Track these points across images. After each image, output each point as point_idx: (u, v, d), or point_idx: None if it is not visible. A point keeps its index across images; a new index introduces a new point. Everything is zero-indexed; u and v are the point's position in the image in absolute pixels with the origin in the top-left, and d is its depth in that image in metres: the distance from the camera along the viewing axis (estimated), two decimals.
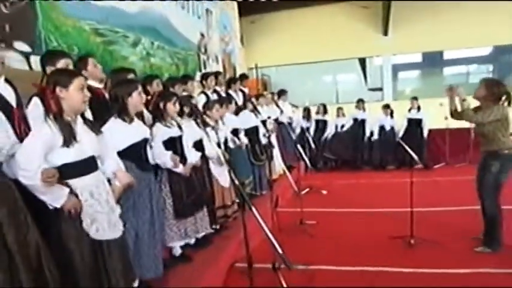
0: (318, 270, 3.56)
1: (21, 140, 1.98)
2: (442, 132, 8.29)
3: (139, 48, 4.91)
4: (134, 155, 2.76)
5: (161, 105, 3.26)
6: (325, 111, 8.88)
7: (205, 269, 3.23)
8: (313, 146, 7.53)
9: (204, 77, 5.62)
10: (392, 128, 8.44)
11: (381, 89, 12.17)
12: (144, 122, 3.11)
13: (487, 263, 3.46)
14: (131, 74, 3.55)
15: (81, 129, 2.16)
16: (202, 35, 6.94)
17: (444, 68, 14.34)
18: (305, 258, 3.67)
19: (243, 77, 6.95)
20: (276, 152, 6.41)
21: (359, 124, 8.59)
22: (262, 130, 5.83)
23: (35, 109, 2.27)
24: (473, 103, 3.77)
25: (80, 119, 2.20)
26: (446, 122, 7.45)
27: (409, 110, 8.21)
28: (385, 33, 11.40)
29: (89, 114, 2.48)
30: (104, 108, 2.78)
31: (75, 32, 3.73)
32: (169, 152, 3.12)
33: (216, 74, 5.87)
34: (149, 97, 3.60)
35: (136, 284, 2.46)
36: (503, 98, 3.55)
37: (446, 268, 3.42)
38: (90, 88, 3.02)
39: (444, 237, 4.09)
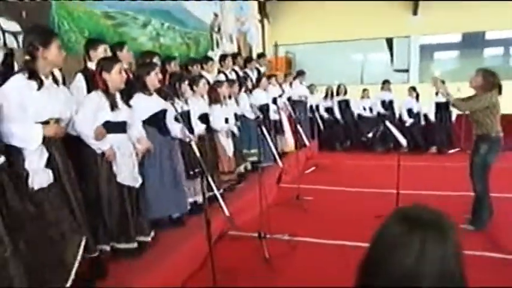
0: (302, 241, 3.84)
1: None
2: (459, 117, 8.18)
3: (149, 29, 5.23)
4: (156, 122, 3.42)
5: (177, 84, 3.90)
6: (345, 92, 8.92)
7: (197, 232, 3.54)
8: (321, 126, 7.71)
9: (222, 57, 6.07)
10: (418, 112, 8.35)
11: (407, 71, 11.95)
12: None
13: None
14: (156, 56, 4.19)
15: (119, 101, 2.93)
16: (215, 15, 7.18)
17: (485, 49, 13.87)
18: (293, 230, 3.96)
19: (261, 55, 7.21)
20: (287, 129, 6.65)
21: (387, 106, 8.60)
22: (272, 107, 6.12)
23: (79, 82, 3.15)
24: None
25: (118, 94, 2.94)
26: None
27: (436, 94, 7.67)
28: (415, 12, 11.11)
29: None
30: (130, 85, 3.34)
31: (86, 16, 4.11)
32: (180, 125, 3.55)
33: (234, 55, 6.36)
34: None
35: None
36: (496, 88, 3.73)
37: None
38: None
39: None
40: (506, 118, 8.13)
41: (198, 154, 2.74)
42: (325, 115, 8.93)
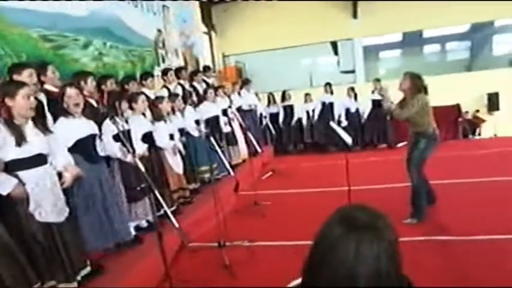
0: (262, 246, 3.91)
1: None
2: None
3: (91, 49, 5.19)
4: (82, 149, 3.14)
5: (116, 103, 3.70)
6: (289, 97, 9.18)
7: (154, 249, 3.54)
8: (273, 131, 7.86)
9: (165, 72, 6.01)
10: (357, 110, 8.75)
11: (353, 71, 12.45)
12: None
13: (412, 233, 3.85)
14: (90, 76, 3.91)
15: (31, 130, 2.56)
16: (159, 30, 7.21)
17: (424, 46, 14.74)
18: (252, 236, 4.03)
19: (206, 68, 7.28)
20: (239, 138, 6.73)
21: (327, 108, 8.87)
22: (222, 119, 6.18)
23: None
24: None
25: (30, 122, 2.58)
26: None
27: (372, 92, 8.21)
28: (355, 15, 11.64)
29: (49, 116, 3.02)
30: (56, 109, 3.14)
31: (21, 39, 4.03)
32: (118, 144, 3.46)
33: (179, 69, 6.34)
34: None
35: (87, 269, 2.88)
36: (423, 89, 4.00)
37: None
38: (47, 92, 3.41)
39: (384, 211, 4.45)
40: (440, 110, 8.73)
41: (143, 169, 2.69)
42: (269, 122, 9.12)
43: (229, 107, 6.57)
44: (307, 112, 9.09)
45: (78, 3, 5.02)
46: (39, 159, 2.59)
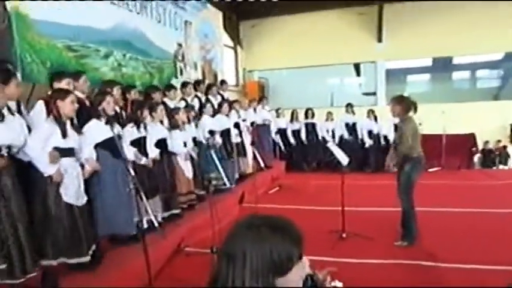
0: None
1: None
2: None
3: (111, 60, 5.59)
4: (108, 146, 3.66)
5: (138, 112, 4.19)
6: (313, 115, 9.37)
7: (153, 249, 3.75)
8: (283, 148, 8.02)
9: (184, 85, 6.43)
10: (377, 133, 8.80)
11: (374, 94, 12.47)
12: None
13: (401, 255, 3.93)
14: (117, 86, 4.44)
15: (69, 128, 3.19)
16: (179, 44, 7.58)
17: (453, 72, 14.58)
18: None
19: (222, 82, 7.60)
20: (249, 151, 6.94)
21: (350, 128, 9.03)
22: (234, 131, 6.43)
23: (39, 109, 3.37)
24: None
25: (68, 122, 3.21)
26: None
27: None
28: (379, 39, 11.72)
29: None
30: (85, 113, 3.67)
31: (48, 49, 4.44)
32: (134, 149, 3.97)
33: (197, 82, 6.75)
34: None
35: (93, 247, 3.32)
36: (412, 107, 4.09)
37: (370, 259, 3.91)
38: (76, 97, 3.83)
39: (376, 233, 4.54)
40: (455, 138, 8.64)
41: (132, 173, 3.05)
42: (292, 138, 9.32)
43: (244, 120, 6.81)
44: (327, 131, 9.24)
45: (103, 17, 5.44)
46: (70, 152, 3.19)
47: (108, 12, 5.60)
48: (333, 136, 9.14)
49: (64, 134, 3.09)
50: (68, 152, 3.17)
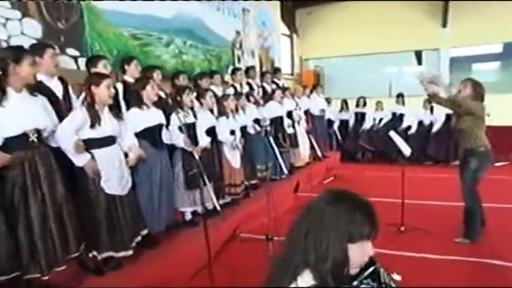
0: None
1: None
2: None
3: (171, 47, 5.76)
4: (149, 136, 3.53)
5: (178, 97, 4.04)
6: (364, 104, 9.13)
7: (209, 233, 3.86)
8: (339, 137, 7.86)
9: (234, 71, 6.35)
10: (431, 123, 8.42)
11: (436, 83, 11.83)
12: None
13: (463, 252, 3.75)
14: (157, 70, 4.36)
15: (106, 115, 2.99)
16: (237, 32, 7.63)
17: None
18: None
19: (277, 70, 7.56)
20: (302, 141, 6.87)
21: (397, 118, 8.71)
22: (286, 120, 6.36)
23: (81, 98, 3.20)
24: None
25: (106, 108, 3.00)
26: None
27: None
28: (444, 25, 11.08)
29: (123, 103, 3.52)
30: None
31: (115, 37, 4.65)
32: (182, 135, 3.81)
33: (247, 69, 6.66)
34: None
35: (145, 232, 3.30)
36: (481, 99, 3.79)
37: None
38: (125, 82, 3.89)
39: (436, 228, 4.36)
40: None
41: (197, 157, 3.01)
42: (336, 128, 9.14)
43: (295, 109, 6.73)
44: (374, 119, 8.98)
45: (165, 6, 5.59)
46: (110, 140, 3.01)
47: (170, 1, 5.74)
48: (379, 124, 8.86)
49: (95, 123, 2.88)
50: (106, 141, 2.97)
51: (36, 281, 2.54)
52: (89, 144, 2.88)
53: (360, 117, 9.10)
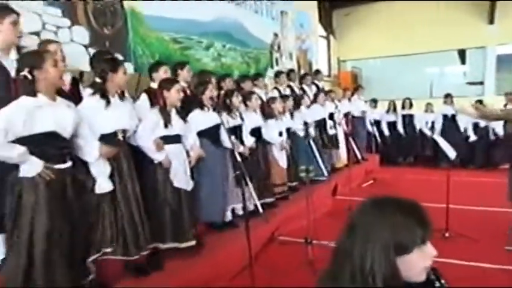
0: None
1: None
2: None
3: (211, 51, 5.88)
4: (209, 135, 3.86)
5: (226, 100, 4.25)
6: (410, 106, 8.87)
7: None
8: (379, 140, 7.69)
9: (277, 74, 6.48)
10: (486, 125, 8.03)
11: (481, 83, 11.34)
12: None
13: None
14: (212, 76, 4.62)
15: (174, 116, 3.34)
16: (275, 34, 7.65)
17: None
18: None
19: (317, 72, 7.51)
20: (343, 143, 6.80)
21: (449, 121, 8.35)
22: (329, 122, 6.34)
23: (142, 100, 3.63)
24: None
25: (174, 110, 3.36)
26: None
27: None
28: (491, 21, 10.59)
29: None
30: (186, 101, 3.77)
31: (157, 42, 4.79)
32: (230, 136, 3.94)
33: (289, 72, 6.75)
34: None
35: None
36: None
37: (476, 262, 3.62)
38: None
39: (483, 234, 4.17)
40: None
41: (239, 159, 3.09)
42: (386, 130, 8.91)
43: (336, 111, 6.68)
44: (426, 123, 8.69)
45: (205, 10, 5.71)
46: (177, 138, 3.36)
47: (210, 5, 5.86)
48: (432, 128, 8.55)
49: (168, 123, 3.25)
50: (174, 139, 3.32)
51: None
52: (162, 140, 3.23)
53: (408, 119, 8.85)
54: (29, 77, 2.22)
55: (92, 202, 2.71)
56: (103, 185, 2.72)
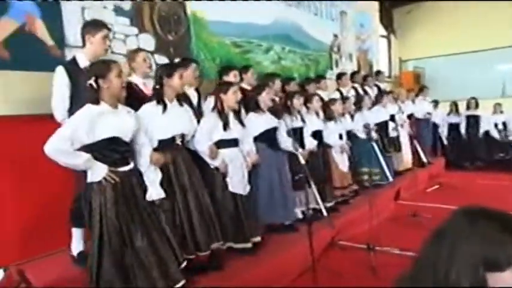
0: (411, 257, 3.81)
1: None
2: None
3: (271, 53, 5.90)
4: (266, 138, 3.80)
5: (288, 102, 4.25)
6: (476, 106, 8.34)
7: (306, 239, 3.84)
8: (445, 142, 7.28)
9: (339, 76, 6.42)
10: None
11: None
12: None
13: None
14: (276, 78, 4.67)
15: (232, 119, 3.33)
16: (335, 35, 7.52)
17: None
18: (404, 245, 3.92)
19: (378, 72, 7.30)
20: (405, 146, 6.55)
21: None
22: (391, 124, 6.15)
23: (208, 103, 3.65)
24: None
25: (231, 113, 3.35)
26: None
27: None
28: None
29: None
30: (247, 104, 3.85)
31: (218, 46, 4.91)
32: (290, 139, 3.93)
33: (353, 73, 6.70)
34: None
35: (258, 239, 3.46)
36: None
37: None
38: (242, 89, 4.15)
39: None
40: None
41: (303, 162, 3.05)
42: (445, 132, 8.44)
43: (399, 112, 6.45)
44: (495, 125, 8.13)
45: (264, 13, 5.76)
46: (234, 142, 3.35)
47: (269, 7, 5.90)
48: (505, 130, 7.96)
49: (226, 127, 3.25)
50: (232, 143, 3.33)
51: None
52: (219, 145, 3.25)
53: (473, 121, 8.33)
54: (94, 85, 2.34)
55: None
56: (153, 193, 2.73)
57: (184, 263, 2.73)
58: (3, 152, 2.94)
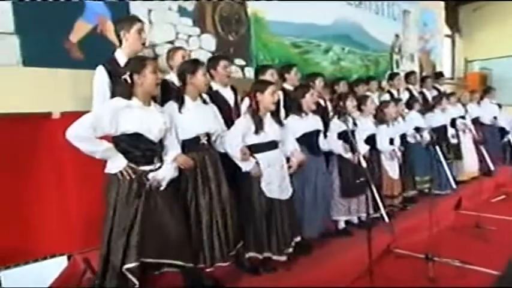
0: (474, 270, 3.62)
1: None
2: None
3: (330, 54, 5.84)
4: (306, 142, 3.57)
5: (339, 103, 4.03)
6: None
7: (360, 244, 3.76)
8: None
9: (391, 77, 6.06)
10: None
11: None
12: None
13: None
14: (319, 77, 4.39)
15: (269, 121, 3.10)
16: (397, 35, 7.26)
17: None
18: (465, 257, 3.74)
19: (439, 74, 6.96)
20: (469, 152, 6.18)
21: None
22: (450, 129, 5.84)
23: (244, 105, 3.41)
24: None
25: (268, 114, 3.13)
26: None
27: None
28: None
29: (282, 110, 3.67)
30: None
31: (277, 46, 4.92)
32: (340, 141, 3.81)
33: (409, 73, 6.31)
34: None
35: (298, 239, 3.30)
36: None
37: None
38: (284, 90, 4.08)
39: None
40: None
41: (364, 165, 2.89)
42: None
43: (462, 117, 6.09)
44: None
45: (324, 13, 5.69)
46: (272, 145, 3.10)
47: (329, 7, 5.82)
48: None
49: (259, 129, 3.01)
50: (269, 146, 3.08)
51: (201, 272, 2.77)
52: (253, 149, 3.02)
53: None
54: (129, 80, 2.35)
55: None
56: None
57: None
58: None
